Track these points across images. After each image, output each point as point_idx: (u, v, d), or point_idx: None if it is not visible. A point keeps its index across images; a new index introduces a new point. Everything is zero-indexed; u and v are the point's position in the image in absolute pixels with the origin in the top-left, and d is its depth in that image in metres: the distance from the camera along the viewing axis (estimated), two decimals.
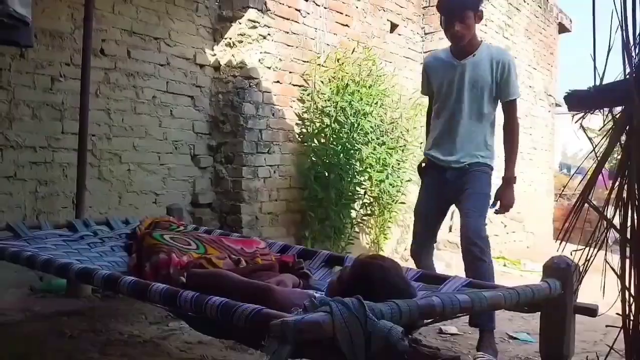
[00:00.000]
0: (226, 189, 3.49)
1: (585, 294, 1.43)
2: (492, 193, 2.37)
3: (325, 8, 3.87)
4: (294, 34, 3.66)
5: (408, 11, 4.76)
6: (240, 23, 3.40)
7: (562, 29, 7.66)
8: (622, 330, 1.01)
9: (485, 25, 5.29)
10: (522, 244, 6.22)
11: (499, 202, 2.37)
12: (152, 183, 3.24)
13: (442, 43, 4.01)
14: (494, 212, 2.40)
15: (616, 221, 1.02)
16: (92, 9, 2.69)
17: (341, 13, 4.02)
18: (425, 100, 2.73)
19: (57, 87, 2.80)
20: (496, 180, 2.43)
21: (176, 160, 3.38)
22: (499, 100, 2.36)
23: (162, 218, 2.51)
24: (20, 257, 1.72)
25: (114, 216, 2.63)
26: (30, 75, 2.69)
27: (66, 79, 2.82)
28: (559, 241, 1.15)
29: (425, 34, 4.88)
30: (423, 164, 2.50)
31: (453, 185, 2.35)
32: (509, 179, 2.36)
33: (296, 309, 1.05)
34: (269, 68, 3.51)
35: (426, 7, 4.89)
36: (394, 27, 4.61)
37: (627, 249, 0.98)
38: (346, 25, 4.07)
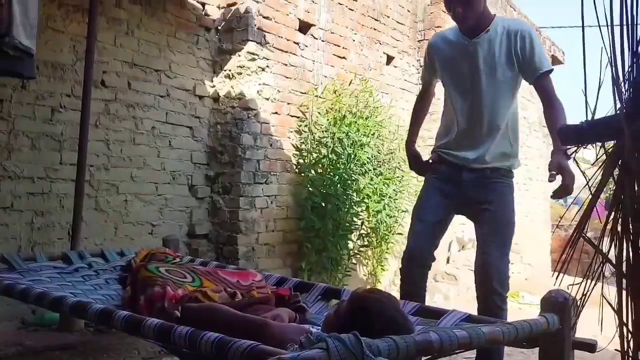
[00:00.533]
0: (223, 220, 3.48)
1: (584, 328, 1.41)
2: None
3: (322, 41, 3.95)
4: (292, 66, 3.72)
5: (404, 44, 4.87)
6: (239, 55, 3.47)
7: (555, 61, 7.81)
8: None
9: None
10: (521, 276, 6.17)
11: (559, 178, 1.74)
12: (148, 214, 3.23)
13: None
14: (551, 196, 1.82)
15: (613, 253, 1.02)
16: (94, 41, 2.74)
17: (338, 46, 4.11)
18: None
19: (57, 118, 2.82)
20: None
21: (173, 191, 3.38)
22: (528, 80, 1.95)
23: (158, 250, 2.49)
24: (14, 291, 1.70)
25: (109, 248, 2.61)
26: (30, 106, 2.72)
27: (66, 110, 2.85)
28: (556, 273, 1.15)
29: (421, 66, 4.96)
30: (430, 161, 2.16)
31: (470, 192, 2.00)
32: (562, 149, 1.74)
33: (292, 345, 1.03)
34: (267, 99, 3.56)
35: (421, 40, 5.00)
36: (390, 59, 4.70)
37: (624, 283, 0.97)
38: (343, 57, 4.15)
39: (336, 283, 3.78)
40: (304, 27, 3.82)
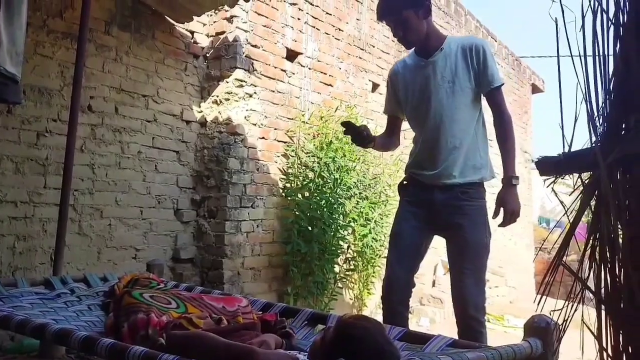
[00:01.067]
0: (208, 244, 3.46)
1: (567, 351, 1.43)
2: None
3: (309, 69, 4.02)
4: (279, 92, 3.78)
5: (388, 72, 4.97)
6: (227, 82, 3.51)
7: (535, 89, 8.05)
8: None
9: None
10: (505, 299, 6.21)
11: (502, 210, 1.97)
12: (132, 238, 3.20)
13: None
14: (498, 225, 2.00)
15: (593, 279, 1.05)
16: (82, 67, 2.76)
17: (325, 73, 4.18)
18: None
19: (43, 142, 2.81)
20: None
21: (159, 215, 3.36)
22: (481, 91, 2.04)
23: (142, 275, 2.46)
24: None
25: (91, 273, 2.57)
26: (16, 131, 2.71)
27: (52, 134, 2.84)
28: (539, 296, 1.18)
29: None
30: (405, 182, 2.19)
31: (441, 215, 2.03)
32: (509, 180, 1.98)
33: None
34: (255, 125, 3.59)
35: None
36: (375, 86, 4.79)
37: (603, 309, 1.01)
38: (330, 84, 4.22)
39: (322, 307, 3.76)
40: (292, 56, 3.89)
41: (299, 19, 3.94)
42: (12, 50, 2.15)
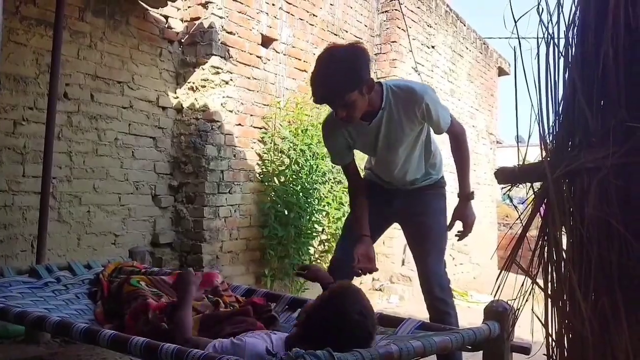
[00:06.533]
0: (187, 229, 3.55)
1: (521, 334, 1.62)
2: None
3: (284, 55, 4.08)
4: (255, 79, 3.83)
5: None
6: (203, 69, 3.54)
7: (502, 72, 8.28)
8: None
9: (432, 71, 5.70)
10: (469, 275, 6.55)
11: (460, 224, 2.09)
12: (111, 224, 3.26)
13: None
14: (455, 235, 2.12)
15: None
16: (60, 54, 2.75)
17: (299, 59, 4.25)
18: None
19: (20, 130, 2.81)
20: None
21: (137, 201, 3.41)
22: (437, 133, 2.10)
23: (125, 263, 2.54)
24: None
25: (75, 261, 2.63)
26: None
27: (29, 122, 2.84)
28: (502, 271, 1.32)
29: (378, 78, 5.19)
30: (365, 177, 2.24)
31: (401, 204, 2.14)
32: (466, 196, 2.09)
33: None
34: (231, 111, 3.65)
35: (377, 53, 5.22)
36: None
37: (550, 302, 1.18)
38: (304, 70, 4.29)
39: (298, 287, 3.93)
40: (267, 42, 3.93)
41: (273, 4, 3.97)
42: None
